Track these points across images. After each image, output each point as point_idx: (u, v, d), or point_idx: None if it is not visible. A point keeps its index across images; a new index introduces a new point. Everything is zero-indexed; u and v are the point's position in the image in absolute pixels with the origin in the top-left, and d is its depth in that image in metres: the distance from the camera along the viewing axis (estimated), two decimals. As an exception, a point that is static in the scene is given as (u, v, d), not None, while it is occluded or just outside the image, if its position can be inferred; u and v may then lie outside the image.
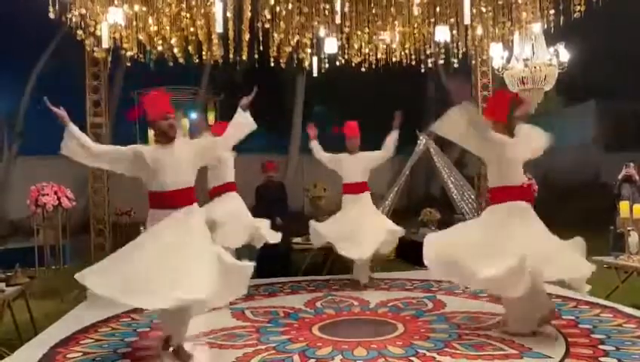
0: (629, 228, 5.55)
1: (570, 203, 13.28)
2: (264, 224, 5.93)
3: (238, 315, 5.01)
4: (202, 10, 6.51)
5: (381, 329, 4.44)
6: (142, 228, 7.90)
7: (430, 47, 7.42)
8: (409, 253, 8.54)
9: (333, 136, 6.97)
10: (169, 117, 3.84)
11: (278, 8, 6.72)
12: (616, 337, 3.99)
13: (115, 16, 5.91)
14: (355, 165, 6.18)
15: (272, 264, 7.13)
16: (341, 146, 6.38)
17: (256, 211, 6.60)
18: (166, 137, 3.83)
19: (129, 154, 3.83)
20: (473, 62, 7.98)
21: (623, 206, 5.78)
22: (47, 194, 6.54)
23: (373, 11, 7.08)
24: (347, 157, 6.24)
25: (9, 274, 4.87)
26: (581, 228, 11.13)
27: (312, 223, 6.34)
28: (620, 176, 8.17)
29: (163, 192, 3.76)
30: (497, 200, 4.18)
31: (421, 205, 10.92)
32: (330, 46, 7.02)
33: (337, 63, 7.66)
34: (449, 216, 10.21)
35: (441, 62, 7.50)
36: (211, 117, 12.01)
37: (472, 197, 9.62)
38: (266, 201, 7.33)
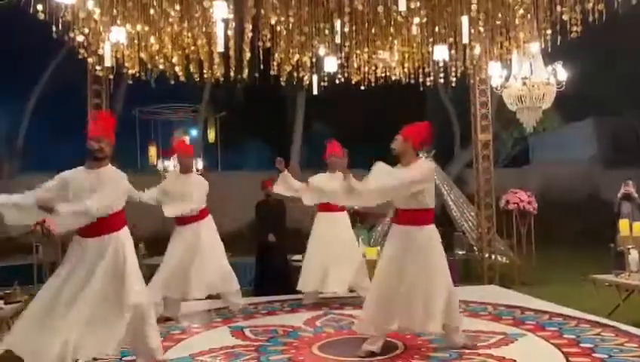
0: (629, 247, 5.54)
1: (569, 220, 13.29)
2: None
3: (237, 334, 4.98)
4: (204, 29, 6.60)
5: (381, 348, 4.41)
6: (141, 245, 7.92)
7: (429, 66, 7.50)
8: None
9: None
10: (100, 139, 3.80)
11: (278, 28, 6.81)
12: (617, 356, 3.97)
13: (118, 35, 5.98)
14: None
15: (271, 282, 7.12)
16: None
17: (255, 227, 6.61)
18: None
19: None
20: (472, 80, 8.05)
21: (623, 224, 5.78)
22: (47, 212, 6.53)
23: (373, 31, 7.17)
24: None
25: (8, 291, 4.85)
26: (581, 246, 11.16)
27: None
28: (619, 195, 8.18)
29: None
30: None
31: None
32: (330, 65, 7.09)
33: (337, 82, 7.73)
34: (449, 234, 10.20)
35: (441, 80, 7.57)
36: (211, 134, 12.09)
37: (472, 214, 9.61)
38: (266, 218, 7.35)
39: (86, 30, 5.95)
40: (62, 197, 3.66)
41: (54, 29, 5.51)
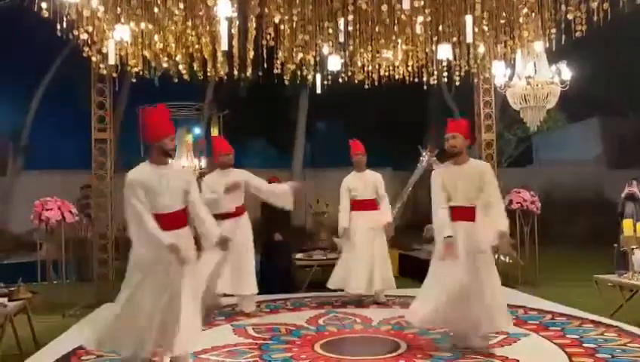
0: (632, 247, 5.52)
1: (573, 220, 13.24)
2: None
3: (240, 332, 4.99)
4: (207, 28, 6.59)
5: (384, 347, 4.42)
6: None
7: (433, 65, 7.48)
8: (412, 270, 8.51)
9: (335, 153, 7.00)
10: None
11: (282, 26, 6.81)
12: (620, 356, 3.96)
13: (122, 33, 5.99)
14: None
15: (275, 280, 7.12)
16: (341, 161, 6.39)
17: (260, 226, 6.65)
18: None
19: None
20: (475, 80, 8.03)
21: (626, 224, 5.76)
22: (51, 209, 6.56)
23: (377, 30, 7.15)
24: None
25: (11, 288, 4.86)
26: (585, 246, 11.12)
27: None
28: (622, 195, 8.14)
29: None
30: None
31: (424, 221, 10.89)
32: (334, 63, 7.08)
33: (340, 80, 7.72)
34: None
35: (444, 79, 7.55)
36: (215, 132, 12.08)
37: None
38: (271, 217, 7.35)
39: (90, 28, 5.96)
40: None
41: (58, 27, 5.52)
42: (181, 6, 6.21)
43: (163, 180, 3.73)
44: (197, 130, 13.22)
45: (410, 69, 7.70)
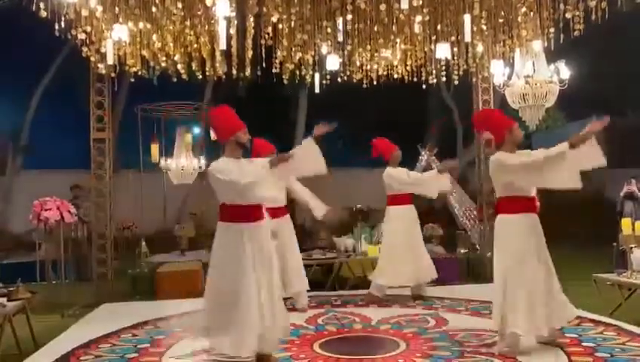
0: (631, 246, 5.53)
1: (572, 219, 13.24)
2: None
3: (239, 331, 4.98)
4: (206, 27, 6.60)
5: (383, 346, 4.42)
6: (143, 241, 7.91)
7: (431, 64, 7.48)
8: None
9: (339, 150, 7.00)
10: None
11: (280, 26, 6.81)
12: (619, 355, 3.96)
13: (120, 33, 5.98)
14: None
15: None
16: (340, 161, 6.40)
17: None
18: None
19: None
20: (474, 79, 8.03)
21: (625, 223, 5.76)
22: (50, 209, 6.55)
23: (375, 29, 7.15)
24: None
25: (11, 288, 4.86)
26: (584, 245, 11.13)
27: None
28: (621, 193, 8.15)
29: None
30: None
31: (423, 221, 10.89)
32: (332, 63, 7.08)
33: (339, 80, 7.72)
34: (451, 232, 10.19)
35: (443, 79, 7.55)
36: (213, 133, 12.06)
37: (475, 212, 9.61)
38: None
39: (88, 28, 5.96)
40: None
41: (57, 26, 5.52)
42: (179, 5, 6.21)
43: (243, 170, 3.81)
44: (196, 130, 13.21)
45: (408, 68, 7.71)
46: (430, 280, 6.27)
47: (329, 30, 6.84)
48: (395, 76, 7.84)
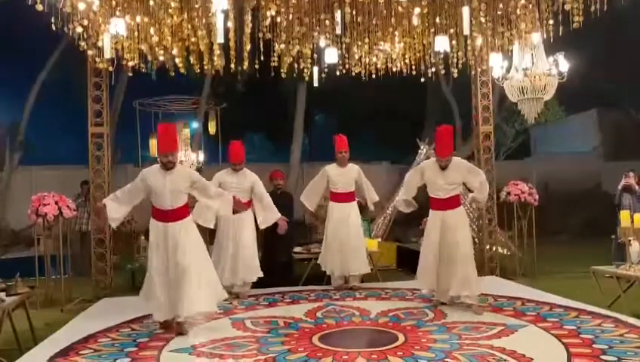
0: (629, 238, 5.53)
1: (571, 212, 13.26)
2: None
3: (238, 325, 4.99)
4: (203, 21, 6.56)
5: (382, 339, 4.43)
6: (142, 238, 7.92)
7: (430, 57, 7.46)
8: (409, 263, 8.52)
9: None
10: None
11: (278, 19, 6.77)
12: (617, 347, 3.97)
13: (117, 27, 5.95)
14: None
15: (275, 274, 7.11)
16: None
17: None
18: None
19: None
20: (473, 72, 8.01)
21: (624, 215, 5.76)
22: (48, 204, 6.54)
23: (374, 22, 7.12)
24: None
25: (9, 283, 4.86)
26: (583, 238, 11.13)
27: None
28: (619, 186, 8.14)
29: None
30: None
31: (422, 214, 10.89)
32: (331, 56, 7.05)
33: (338, 73, 7.69)
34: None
35: (442, 72, 7.53)
36: (212, 127, 12.03)
37: (473, 206, 9.60)
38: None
39: (85, 22, 5.92)
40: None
41: (53, 20, 5.49)
42: (177, -2, 6.18)
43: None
44: (194, 125, 13.18)
45: (407, 61, 7.68)
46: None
47: (327, 23, 6.81)
48: (394, 69, 7.82)
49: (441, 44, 6.58)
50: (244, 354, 4.14)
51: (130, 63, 6.91)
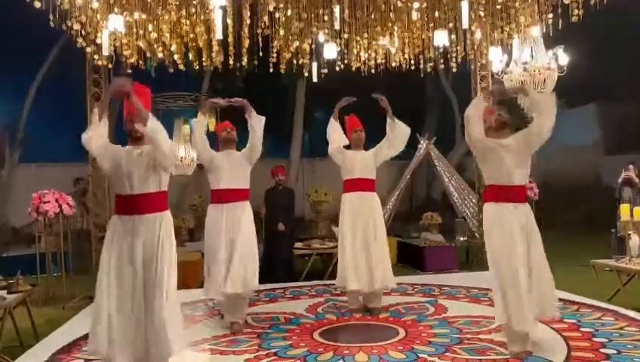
0: (629, 232, 5.54)
1: (571, 205, 13.27)
2: None
3: (239, 321, 5.00)
4: (202, 17, 6.55)
5: (382, 334, 4.44)
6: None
7: (429, 51, 7.44)
8: (410, 258, 8.54)
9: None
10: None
11: (277, 15, 6.75)
12: (617, 341, 3.98)
13: (115, 23, 5.93)
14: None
15: (277, 269, 7.14)
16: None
17: (264, 214, 6.70)
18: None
19: None
20: (472, 66, 7.99)
21: (624, 209, 5.77)
22: (49, 202, 6.54)
23: (373, 17, 7.10)
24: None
25: (11, 281, 4.87)
26: (583, 231, 11.14)
27: None
28: (619, 180, 8.15)
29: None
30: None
31: (422, 209, 10.91)
32: (330, 51, 7.04)
33: (337, 69, 7.68)
34: (450, 220, 10.21)
35: (441, 66, 7.52)
36: (211, 124, 12.02)
37: (474, 200, 9.62)
38: (274, 206, 7.36)
39: (83, 18, 5.91)
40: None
41: (51, 17, 5.47)
42: (175, -6, 6.16)
43: None
44: (194, 121, 13.17)
45: (406, 56, 7.66)
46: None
47: (326, 18, 6.79)
48: (393, 64, 7.80)
49: (441, 38, 6.57)
50: (246, 349, 4.15)
51: (129, 60, 6.90)
